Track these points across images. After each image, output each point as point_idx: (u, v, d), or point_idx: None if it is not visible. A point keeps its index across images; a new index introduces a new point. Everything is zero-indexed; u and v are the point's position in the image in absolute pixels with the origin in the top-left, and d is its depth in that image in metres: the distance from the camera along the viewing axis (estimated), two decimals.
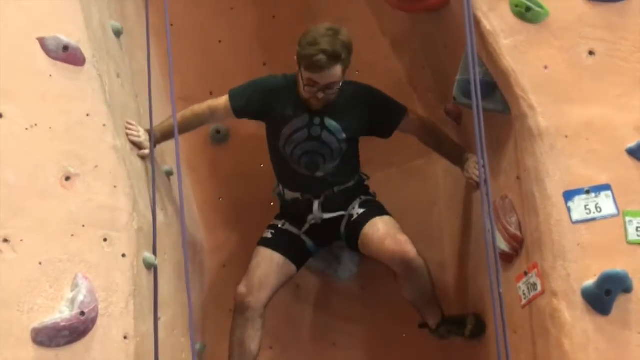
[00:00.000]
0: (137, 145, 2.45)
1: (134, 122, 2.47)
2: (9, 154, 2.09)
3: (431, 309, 2.85)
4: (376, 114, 2.77)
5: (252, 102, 2.73)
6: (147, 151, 2.47)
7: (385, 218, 2.81)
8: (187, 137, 3.14)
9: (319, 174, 2.79)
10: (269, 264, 2.80)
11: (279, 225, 2.88)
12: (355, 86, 2.78)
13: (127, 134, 2.41)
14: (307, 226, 2.85)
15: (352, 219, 2.83)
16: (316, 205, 2.81)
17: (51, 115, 2.16)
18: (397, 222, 2.83)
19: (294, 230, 2.87)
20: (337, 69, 2.55)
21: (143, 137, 2.47)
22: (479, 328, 2.76)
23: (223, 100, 2.74)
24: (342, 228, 2.86)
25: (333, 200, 2.82)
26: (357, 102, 2.75)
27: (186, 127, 2.74)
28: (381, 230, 2.75)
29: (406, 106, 2.82)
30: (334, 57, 2.51)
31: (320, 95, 2.61)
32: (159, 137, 2.57)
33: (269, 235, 2.86)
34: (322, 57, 2.50)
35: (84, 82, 2.23)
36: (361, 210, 2.83)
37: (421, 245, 3.15)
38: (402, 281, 2.78)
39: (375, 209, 2.85)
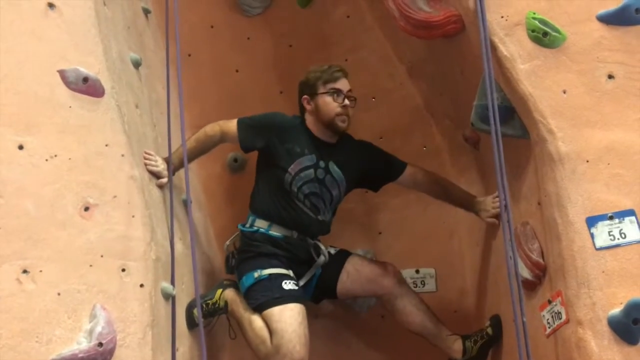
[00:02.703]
0: (156, 175, 2.46)
1: (152, 152, 2.48)
2: (29, 184, 2.11)
3: (445, 331, 2.78)
4: (376, 168, 2.87)
5: (259, 137, 2.73)
6: (165, 180, 2.48)
7: (355, 256, 2.86)
8: (205, 165, 3.17)
9: (321, 217, 2.77)
10: (304, 318, 2.57)
11: (291, 274, 2.68)
12: (356, 140, 2.89)
13: (146, 164, 2.42)
14: (312, 271, 2.75)
15: (330, 255, 2.80)
16: (322, 246, 2.76)
17: (71, 146, 2.18)
18: (416, 249, 2.83)
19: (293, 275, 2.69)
20: (347, 82, 2.79)
21: (161, 167, 2.48)
22: (498, 327, 2.71)
23: (233, 128, 2.74)
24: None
25: (318, 248, 2.78)
26: (359, 155, 2.83)
27: (201, 149, 2.74)
28: (365, 262, 2.84)
29: (406, 162, 2.89)
30: (342, 69, 2.80)
31: (346, 102, 2.74)
32: (177, 164, 2.57)
33: (294, 287, 2.63)
34: (335, 67, 2.78)
35: (103, 113, 2.25)
36: (333, 250, 2.84)
37: (441, 273, 3.10)
38: (401, 303, 2.76)
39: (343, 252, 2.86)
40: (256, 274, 2.64)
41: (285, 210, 2.73)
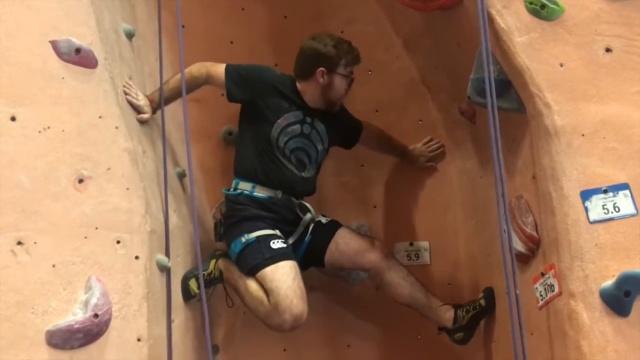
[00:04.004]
0: (136, 109, 2.43)
1: (132, 83, 2.43)
2: (22, 156, 2.10)
3: (436, 302, 2.81)
4: (348, 125, 2.93)
5: (247, 89, 2.70)
6: (146, 116, 2.45)
7: (346, 229, 2.86)
8: (199, 139, 3.15)
9: (305, 174, 2.77)
10: (297, 273, 2.58)
11: (279, 234, 2.67)
12: None
13: (125, 94, 2.38)
14: (301, 229, 2.75)
15: (321, 224, 2.81)
16: (308, 205, 2.75)
17: (64, 118, 2.17)
18: (410, 223, 2.86)
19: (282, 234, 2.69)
20: None
21: (142, 102, 2.45)
22: (491, 299, 2.74)
23: (221, 74, 2.70)
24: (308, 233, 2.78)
25: (304, 207, 2.78)
26: (336, 114, 2.86)
27: (187, 89, 2.60)
28: (354, 236, 2.85)
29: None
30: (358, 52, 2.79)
31: (349, 87, 2.79)
32: (161, 98, 2.49)
33: (283, 245, 2.64)
34: (356, 49, 2.76)
35: (96, 84, 2.23)
36: (325, 220, 2.84)
37: (435, 246, 3.11)
38: (388, 276, 2.78)
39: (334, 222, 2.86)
40: (243, 239, 2.64)
41: (269, 167, 2.72)
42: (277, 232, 2.68)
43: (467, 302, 2.82)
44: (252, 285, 2.60)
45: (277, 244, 2.62)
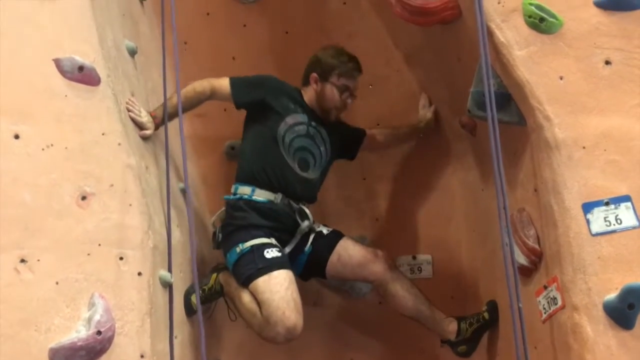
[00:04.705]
0: (139, 125, 2.44)
1: (135, 100, 2.45)
2: (26, 174, 2.11)
3: (439, 314, 2.80)
4: (349, 135, 2.96)
5: (254, 92, 2.73)
6: (148, 132, 2.46)
7: (348, 240, 2.83)
8: (202, 154, 3.16)
9: (308, 175, 2.76)
10: (291, 283, 2.54)
11: (274, 242, 2.64)
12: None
13: (128, 111, 2.39)
14: (298, 237, 2.73)
15: (322, 234, 2.79)
16: (307, 210, 2.73)
17: (67, 135, 2.18)
18: (413, 236, 2.87)
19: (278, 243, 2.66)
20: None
21: (145, 118, 2.46)
22: (494, 312, 2.74)
23: (225, 85, 2.72)
24: (308, 243, 2.76)
25: (303, 213, 2.74)
26: (338, 126, 2.88)
27: (189, 105, 2.69)
28: (357, 247, 2.82)
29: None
30: (360, 67, 2.83)
31: (349, 100, 2.82)
32: (162, 116, 2.50)
33: (277, 254, 2.59)
34: (356, 63, 2.82)
35: (99, 101, 2.25)
36: (326, 230, 2.82)
37: (438, 260, 3.10)
38: (392, 288, 2.77)
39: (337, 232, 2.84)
40: (238, 249, 2.62)
41: (271, 164, 2.70)
42: (273, 240, 2.65)
43: (470, 315, 2.82)
44: (245, 297, 2.57)
45: (271, 253, 2.58)
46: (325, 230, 2.83)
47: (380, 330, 3.11)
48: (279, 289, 2.50)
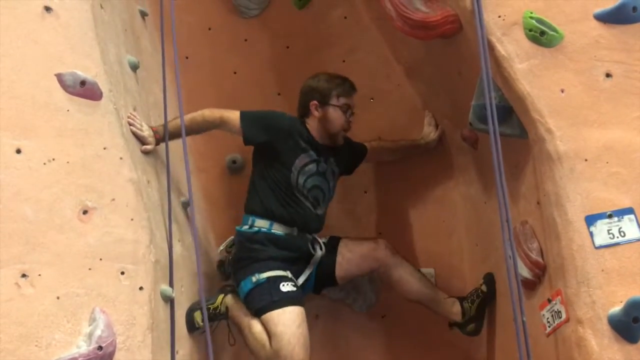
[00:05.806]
0: (140, 140, 2.45)
1: (136, 114, 2.46)
2: (27, 188, 2.11)
3: (442, 294, 2.85)
4: (352, 153, 2.98)
5: (263, 132, 2.74)
6: (150, 146, 2.47)
7: (346, 239, 2.90)
8: (204, 168, 3.16)
9: (319, 211, 2.82)
10: (303, 320, 2.59)
11: (289, 276, 2.68)
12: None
13: (130, 125, 2.40)
14: (311, 268, 2.77)
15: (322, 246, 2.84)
16: (321, 242, 2.80)
17: (69, 150, 2.18)
18: (415, 249, 2.89)
19: (293, 276, 2.70)
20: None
21: (146, 132, 2.47)
22: (491, 284, 2.78)
23: (235, 120, 2.73)
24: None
25: (316, 242, 2.82)
26: (343, 147, 2.90)
27: (195, 130, 2.71)
28: (357, 241, 2.89)
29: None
30: (354, 84, 2.88)
31: (351, 118, 2.85)
32: (165, 128, 2.51)
33: (292, 289, 2.64)
34: (350, 82, 2.86)
35: (100, 116, 2.25)
36: (324, 240, 2.87)
37: (441, 273, 3.09)
38: (396, 273, 2.81)
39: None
40: (254, 278, 2.65)
41: (288, 205, 2.75)
42: (288, 273, 2.69)
43: (469, 293, 2.84)
44: (256, 326, 2.60)
45: (286, 287, 2.63)
46: (323, 240, 2.87)
47: (383, 343, 3.09)
48: (291, 324, 2.55)
